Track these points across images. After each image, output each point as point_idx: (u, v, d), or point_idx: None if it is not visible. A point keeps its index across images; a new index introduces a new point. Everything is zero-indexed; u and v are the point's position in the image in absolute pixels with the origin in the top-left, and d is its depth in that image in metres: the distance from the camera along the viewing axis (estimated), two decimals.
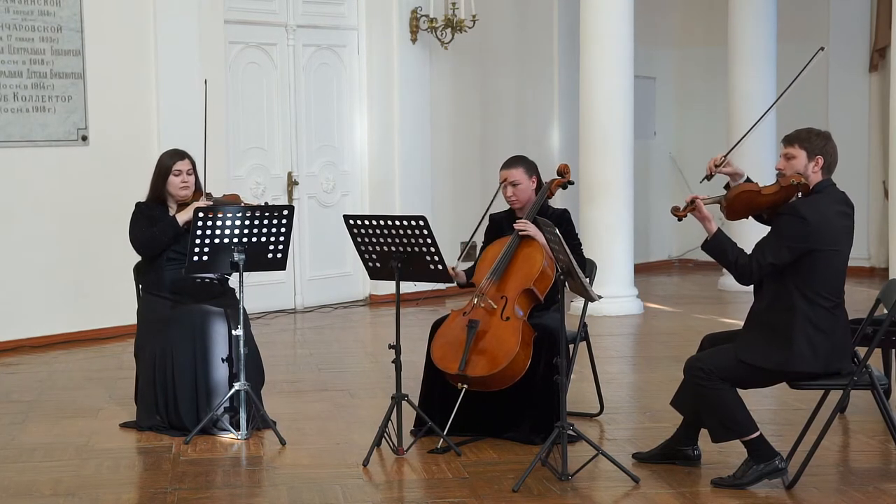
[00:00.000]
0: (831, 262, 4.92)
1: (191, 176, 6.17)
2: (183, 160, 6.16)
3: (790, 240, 4.88)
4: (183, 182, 6.14)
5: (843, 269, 5.00)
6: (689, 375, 5.05)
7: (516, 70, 11.77)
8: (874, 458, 5.59)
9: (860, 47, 12.30)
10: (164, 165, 6.17)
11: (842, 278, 4.99)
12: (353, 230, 5.64)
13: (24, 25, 8.45)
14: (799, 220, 4.89)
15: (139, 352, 6.18)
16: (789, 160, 5.05)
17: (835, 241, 4.92)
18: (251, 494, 5.08)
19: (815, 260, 4.89)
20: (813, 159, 5.01)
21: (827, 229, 4.90)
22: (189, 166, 6.17)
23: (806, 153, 5.01)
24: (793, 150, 5.04)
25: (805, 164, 5.01)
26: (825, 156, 5.01)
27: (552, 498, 4.91)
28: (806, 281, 4.90)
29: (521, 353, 5.60)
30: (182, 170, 6.14)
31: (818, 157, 5.00)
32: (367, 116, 10.74)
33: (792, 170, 5.03)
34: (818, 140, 5.03)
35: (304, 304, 10.36)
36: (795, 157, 5.03)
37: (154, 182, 6.20)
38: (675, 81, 13.46)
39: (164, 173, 6.15)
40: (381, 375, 7.41)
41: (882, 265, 11.81)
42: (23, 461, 5.56)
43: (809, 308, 4.90)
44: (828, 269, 4.91)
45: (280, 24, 10.15)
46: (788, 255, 4.89)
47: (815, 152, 5.01)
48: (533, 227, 5.76)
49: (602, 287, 8.47)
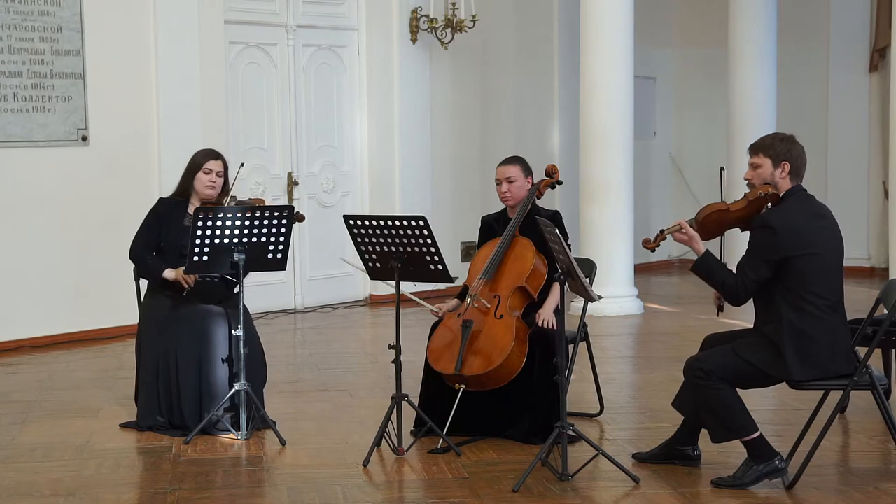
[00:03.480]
0: (810, 265, 4.87)
1: (220, 178, 6.17)
2: (217, 160, 6.17)
3: (764, 252, 4.88)
4: (211, 181, 6.14)
5: (832, 270, 4.95)
6: (690, 375, 5.05)
7: (516, 70, 11.77)
8: (874, 458, 5.59)
9: (860, 47, 12.30)
10: (197, 162, 6.17)
11: (831, 280, 4.95)
12: (353, 230, 5.64)
13: (24, 25, 8.45)
14: (768, 231, 4.88)
15: (140, 352, 6.18)
16: (755, 169, 5.04)
17: (809, 244, 4.88)
18: (251, 494, 5.08)
19: (793, 266, 4.86)
20: (779, 165, 4.98)
21: (798, 234, 4.87)
22: (221, 168, 6.17)
23: (771, 160, 4.99)
24: (758, 160, 5.02)
25: (771, 172, 4.99)
26: (791, 160, 4.99)
27: (552, 498, 4.91)
28: (789, 288, 4.89)
29: (516, 349, 5.61)
30: (213, 169, 6.14)
31: (784, 163, 4.98)
32: (367, 116, 10.75)
33: (759, 179, 5.01)
34: (782, 145, 5.00)
35: (304, 304, 10.36)
36: (761, 165, 5.01)
37: (184, 176, 6.22)
38: (675, 81, 13.46)
39: (194, 169, 6.16)
40: (381, 375, 7.41)
41: (882, 265, 11.81)
42: (23, 461, 5.56)
43: (797, 316, 4.88)
44: (807, 274, 4.87)
45: (280, 24, 10.15)
46: (767, 269, 4.89)
47: (781, 158, 4.98)
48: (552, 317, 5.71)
49: (602, 287, 8.46)
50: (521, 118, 11.85)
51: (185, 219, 6.15)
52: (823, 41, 12.43)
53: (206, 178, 6.14)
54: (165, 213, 6.20)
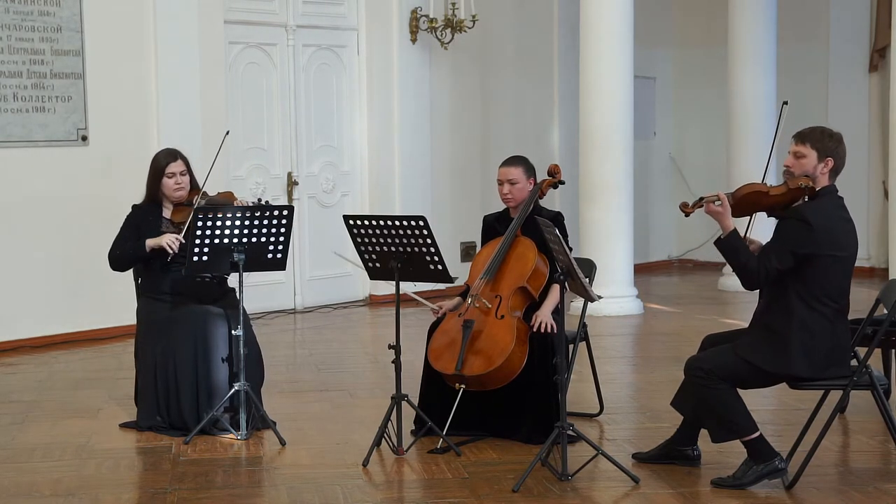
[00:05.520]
0: (831, 267, 4.87)
1: (185, 176, 6.18)
2: (176, 161, 6.17)
3: (795, 244, 4.84)
4: (177, 184, 6.15)
5: (846, 274, 4.94)
6: (689, 375, 5.05)
7: (516, 70, 11.77)
8: (874, 458, 5.59)
9: (860, 47, 12.29)
10: (158, 168, 6.17)
11: (844, 284, 4.95)
12: (353, 230, 5.64)
13: (24, 25, 8.45)
14: (804, 226, 4.84)
15: (139, 353, 6.18)
16: (799, 158, 4.96)
17: (837, 246, 4.87)
18: (251, 494, 5.08)
19: (815, 265, 4.85)
20: (823, 160, 4.93)
21: (830, 234, 4.86)
22: (182, 167, 6.18)
23: (817, 153, 4.92)
24: (804, 149, 4.95)
25: (815, 165, 4.93)
26: (836, 158, 4.94)
27: (552, 498, 4.91)
28: (805, 285, 4.88)
29: (517, 350, 5.61)
30: (175, 171, 6.15)
31: (828, 159, 4.93)
32: (367, 116, 10.75)
33: (801, 169, 4.94)
34: (831, 142, 4.95)
35: (304, 304, 10.36)
36: (806, 156, 4.94)
37: (149, 183, 6.23)
38: (675, 81, 13.46)
39: (157, 175, 6.17)
40: (381, 375, 7.41)
41: (882, 265, 11.80)
42: (23, 461, 5.56)
43: (808, 313, 4.88)
44: (828, 275, 4.87)
45: (280, 24, 10.15)
46: (791, 260, 4.86)
47: (827, 153, 4.93)
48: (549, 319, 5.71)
49: (602, 287, 8.47)
50: (521, 118, 11.84)
51: (161, 224, 6.17)
52: (823, 41, 12.42)
53: (171, 183, 6.15)
54: (141, 220, 6.21)
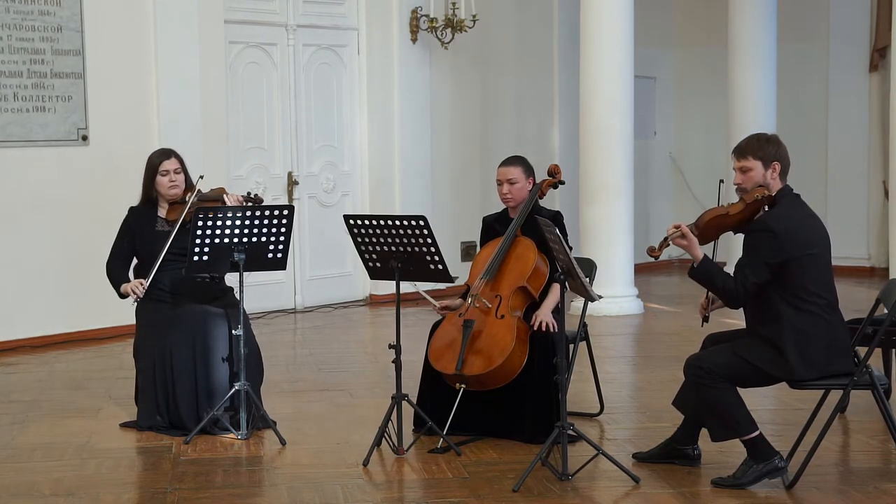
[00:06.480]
0: (808, 266, 4.88)
1: (179, 175, 6.21)
2: (169, 159, 6.20)
3: (766, 255, 4.86)
4: (171, 182, 6.18)
5: (825, 268, 4.97)
6: (689, 374, 5.05)
7: (516, 70, 11.77)
8: (874, 458, 5.59)
9: (860, 47, 12.29)
10: (152, 166, 6.22)
11: (827, 277, 4.96)
12: (353, 230, 5.64)
13: (24, 25, 8.45)
14: (769, 235, 4.86)
15: (139, 353, 6.19)
16: (746, 173, 4.98)
17: (807, 245, 4.88)
18: (251, 494, 5.08)
19: (793, 268, 4.86)
20: (769, 166, 4.96)
21: (797, 236, 4.87)
22: (176, 165, 6.20)
23: (761, 162, 4.95)
24: (748, 163, 4.97)
25: (763, 174, 4.95)
26: (781, 160, 4.97)
27: (552, 498, 4.91)
28: (788, 288, 4.89)
29: (517, 349, 5.61)
30: (169, 169, 6.18)
31: (774, 163, 4.96)
32: (367, 116, 10.75)
33: (751, 182, 4.96)
34: (770, 146, 4.97)
35: (304, 304, 10.36)
36: (752, 168, 4.96)
37: (144, 183, 6.27)
38: (675, 81, 13.46)
39: (152, 174, 6.21)
40: (381, 375, 7.40)
41: (882, 265, 11.80)
42: (23, 461, 5.56)
43: (797, 315, 4.88)
44: (806, 274, 4.88)
45: (280, 24, 10.15)
46: (768, 272, 4.88)
47: (771, 159, 4.95)
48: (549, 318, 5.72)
49: (602, 287, 8.44)
50: (521, 118, 11.85)
51: (156, 224, 6.22)
52: (823, 41, 12.42)
53: (165, 181, 6.18)
54: (136, 222, 6.26)
